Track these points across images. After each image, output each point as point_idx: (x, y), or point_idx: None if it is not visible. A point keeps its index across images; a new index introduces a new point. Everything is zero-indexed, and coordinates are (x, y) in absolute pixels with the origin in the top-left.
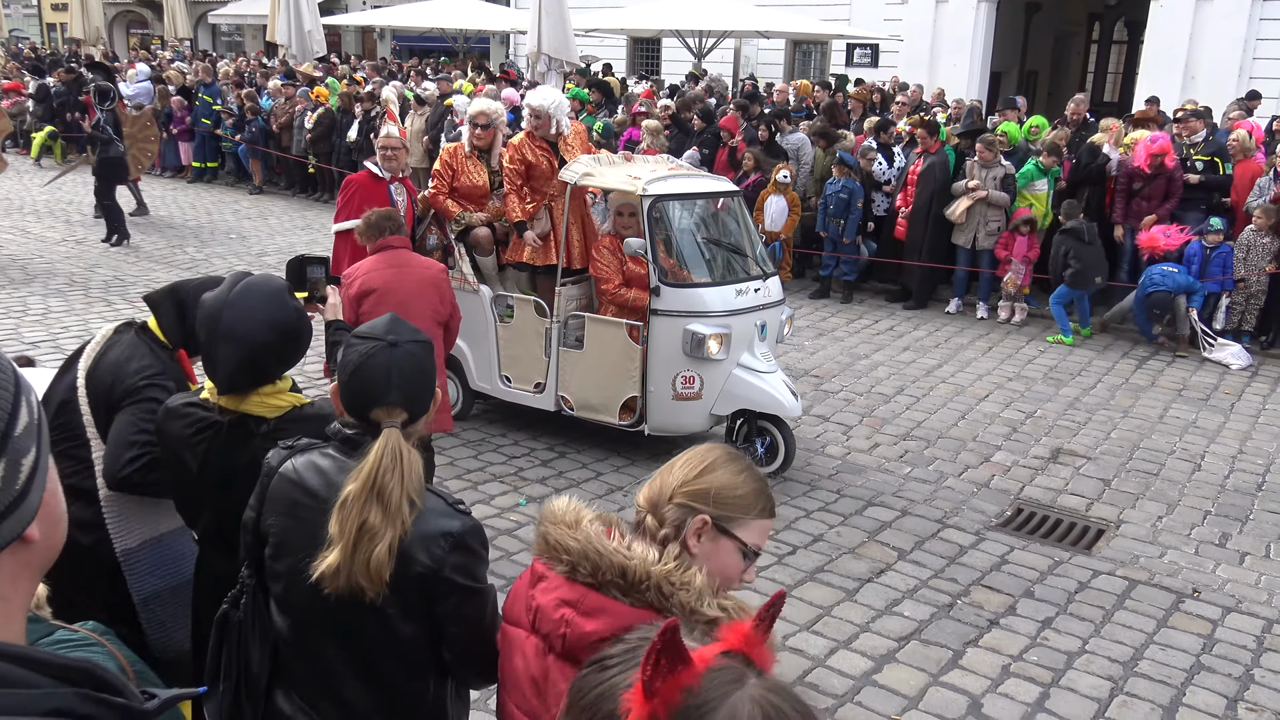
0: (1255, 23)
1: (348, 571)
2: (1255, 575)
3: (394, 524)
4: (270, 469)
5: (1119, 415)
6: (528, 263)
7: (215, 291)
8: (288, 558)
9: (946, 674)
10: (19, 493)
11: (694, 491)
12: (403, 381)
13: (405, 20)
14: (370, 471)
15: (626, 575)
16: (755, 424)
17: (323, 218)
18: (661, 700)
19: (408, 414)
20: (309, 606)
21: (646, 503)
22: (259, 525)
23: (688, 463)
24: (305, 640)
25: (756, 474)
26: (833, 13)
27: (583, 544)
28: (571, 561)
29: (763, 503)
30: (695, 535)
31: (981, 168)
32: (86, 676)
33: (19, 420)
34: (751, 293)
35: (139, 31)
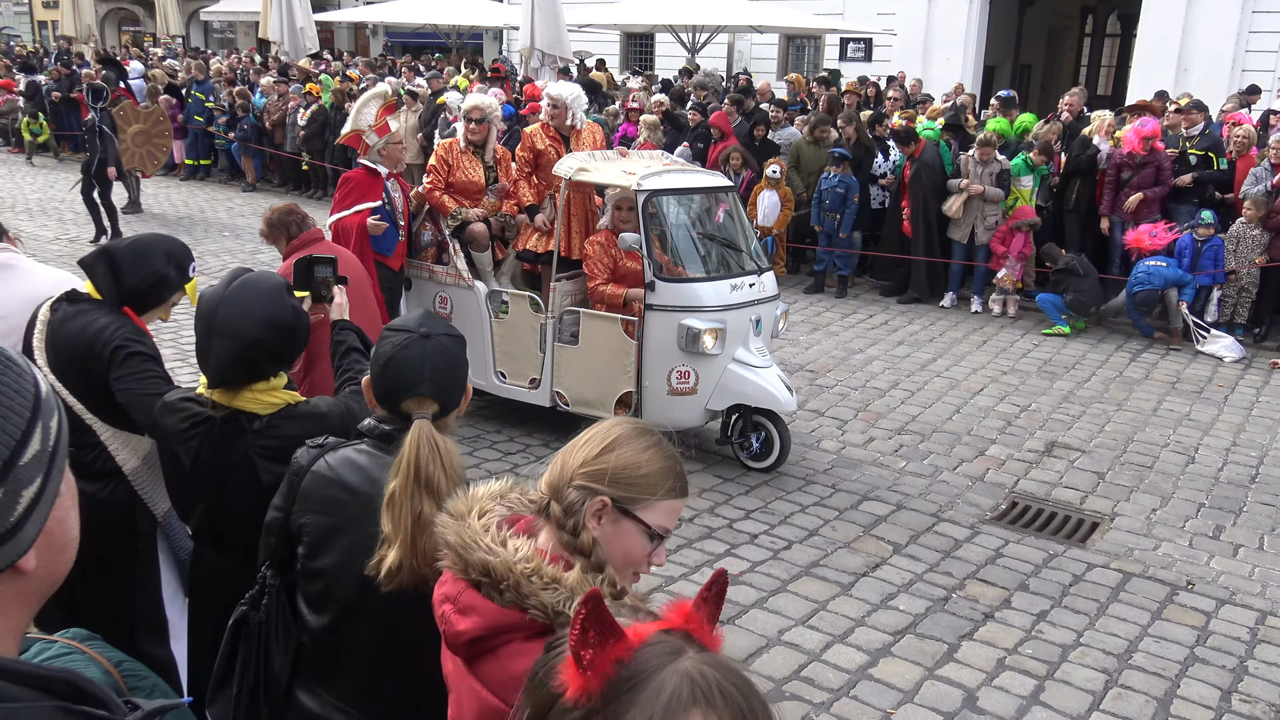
0: (1248, 15)
1: (410, 565)
2: (1249, 567)
3: None
4: (300, 468)
5: (1113, 408)
6: (532, 250)
7: (213, 287)
8: (329, 555)
9: (942, 667)
10: (13, 525)
11: (593, 472)
12: (435, 373)
13: (398, 16)
14: (409, 463)
15: (491, 572)
16: (750, 419)
17: (316, 214)
18: (596, 673)
19: (439, 405)
20: (353, 602)
21: (548, 487)
22: (288, 524)
23: (589, 441)
24: (345, 637)
25: (665, 451)
26: (826, 7)
27: (458, 537)
28: (450, 558)
29: (670, 481)
30: (594, 517)
31: (977, 163)
32: (69, 688)
33: (28, 449)
34: (746, 288)
35: (131, 29)
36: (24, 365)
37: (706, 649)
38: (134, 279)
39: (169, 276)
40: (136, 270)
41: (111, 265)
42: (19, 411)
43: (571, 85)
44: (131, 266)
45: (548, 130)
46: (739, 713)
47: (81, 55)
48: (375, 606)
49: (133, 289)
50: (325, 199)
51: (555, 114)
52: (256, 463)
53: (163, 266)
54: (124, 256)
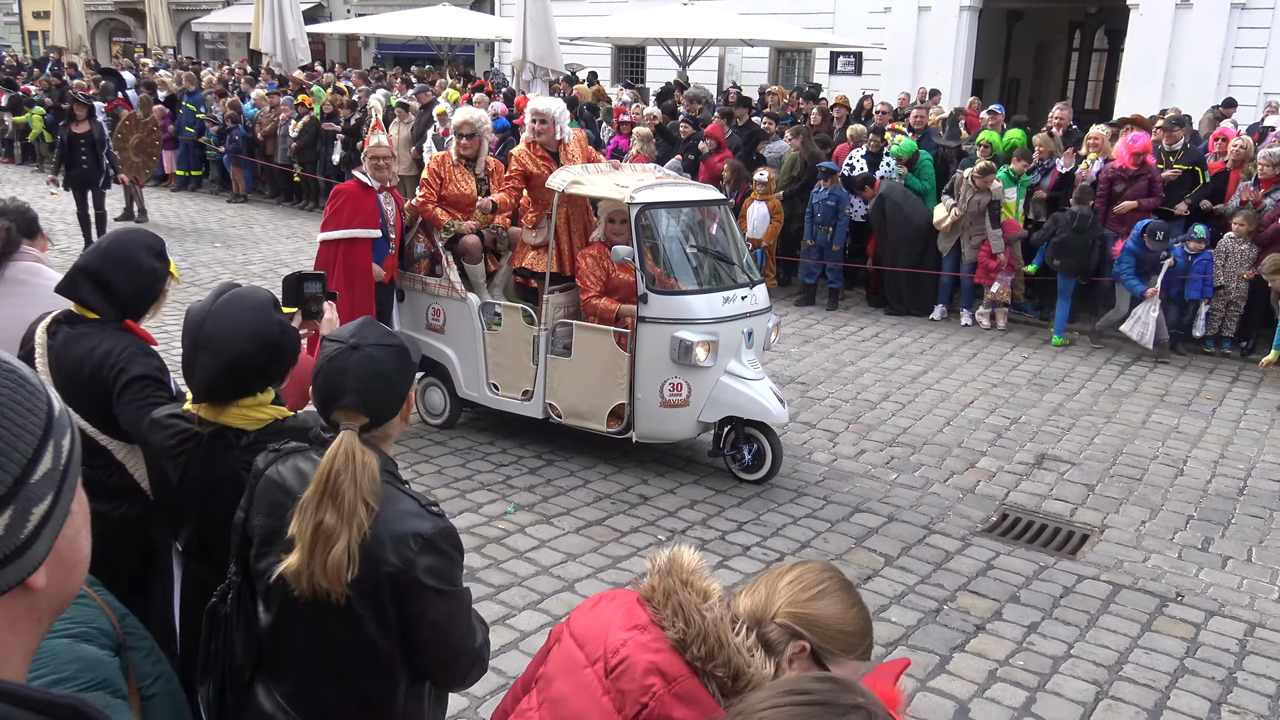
0: (1234, 31)
1: (308, 573)
2: (1237, 579)
3: (349, 525)
4: (258, 471)
5: (1102, 421)
6: (527, 268)
7: (200, 301)
8: (269, 556)
9: (933, 679)
10: (22, 542)
11: (802, 617)
12: (359, 384)
13: (390, 29)
14: (323, 474)
15: (738, 680)
16: (743, 431)
17: (307, 226)
18: None
19: (368, 417)
20: (285, 604)
21: (748, 615)
22: (246, 524)
23: (799, 581)
24: (283, 637)
25: (865, 611)
26: (816, 21)
27: (708, 625)
28: (686, 634)
29: (865, 643)
30: (789, 660)
31: (968, 188)
32: (73, 714)
33: (38, 467)
34: (738, 300)
35: (122, 39)
36: (38, 384)
37: None
38: (128, 287)
39: (157, 269)
40: (128, 277)
41: (98, 281)
42: (31, 430)
43: (556, 99)
44: (120, 275)
45: (535, 150)
46: None
47: (74, 65)
48: (306, 612)
49: (130, 297)
50: (316, 210)
51: (543, 129)
52: (244, 479)
53: (149, 261)
54: (107, 267)
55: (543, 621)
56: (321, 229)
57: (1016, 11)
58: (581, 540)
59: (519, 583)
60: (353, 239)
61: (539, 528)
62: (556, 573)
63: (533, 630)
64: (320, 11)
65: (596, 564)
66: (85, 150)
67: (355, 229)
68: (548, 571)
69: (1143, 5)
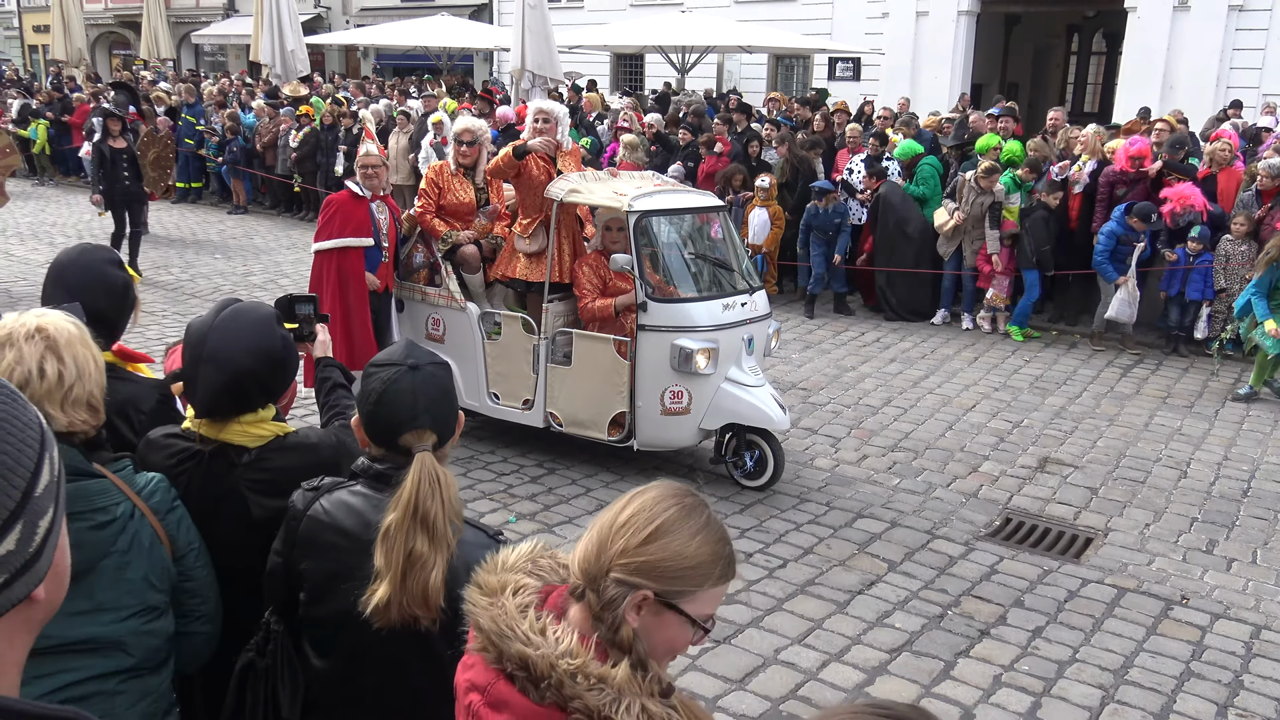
0: (1231, 33)
1: (399, 602)
2: (1243, 581)
3: (441, 548)
4: (298, 512)
5: (1105, 423)
6: (521, 278)
7: (203, 316)
8: (331, 601)
9: (938, 685)
10: (33, 554)
11: (636, 565)
12: (429, 404)
13: (388, 39)
14: (410, 497)
15: (530, 667)
16: (744, 437)
17: (308, 237)
18: None
19: (437, 436)
20: (356, 648)
21: (582, 573)
22: (289, 570)
23: (631, 524)
24: (349, 682)
25: (714, 532)
26: (814, 27)
27: (492, 622)
28: (482, 640)
29: (719, 568)
30: (635, 609)
31: (971, 189)
32: None
33: (40, 479)
34: (738, 307)
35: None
36: (25, 399)
37: None
38: (114, 312)
39: (125, 278)
40: (110, 301)
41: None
42: (30, 444)
43: (559, 103)
44: (105, 302)
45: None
46: None
47: (73, 78)
48: (377, 651)
49: (117, 317)
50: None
51: (545, 129)
52: (247, 497)
53: (116, 274)
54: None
55: None
56: (314, 239)
57: (1014, 15)
58: None
59: None
60: (345, 248)
61: (541, 537)
62: None
63: None
64: (319, 22)
65: None
66: (127, 166)
67: (347, 238)
68: None
69: (1140, 8)
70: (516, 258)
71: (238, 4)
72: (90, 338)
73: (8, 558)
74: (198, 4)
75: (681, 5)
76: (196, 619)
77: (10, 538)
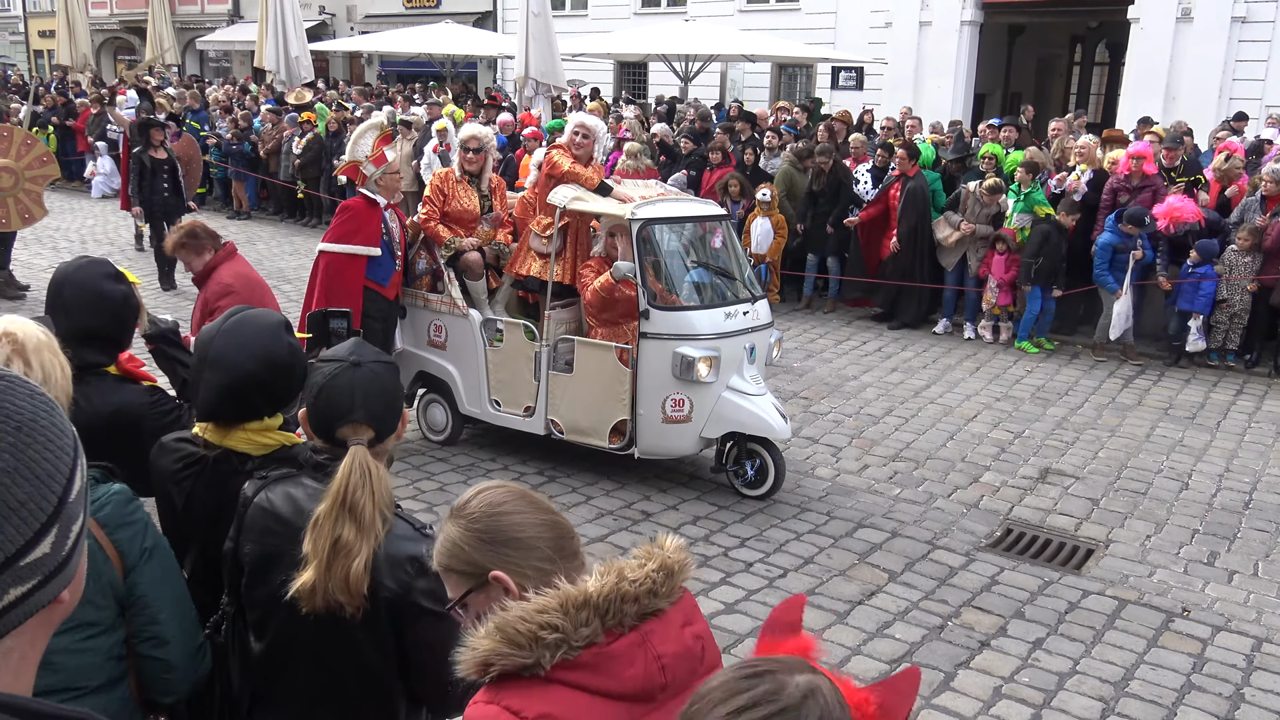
0: (1234, 44)
1: (324, 588)
2: (1244, 594)
3: (368, 539)
4: (246, 499)
5: (1106, 434)
6: (535, 277)
7: (213, 321)
8: (261, 585)
9: (938, 696)
10: (65, 557)
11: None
12: (366, 399)
13: (393, 46)
14: (339, 487)
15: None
16: (745, 446)
17: (310, 242)
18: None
19: (374, 432)
20: (283, 630)
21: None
22: (236, 554)
23: (468, 532)
24: (280, 664)
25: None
26: (818, 36)
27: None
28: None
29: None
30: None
31: (976, 202)
32: None
33: (74, 486)
34: (740, 315)
35: (126, 58)
36: (58, 406)
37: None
38: (117, 327)
39: (123, 290)
40: (106, 315)
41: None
42: (66, 449)
43: (600, 119)
44: (105, 320)
45: (568, 154)
46: None
47: (78, 83)
48: (303, 637)
49: (121, 331)
50: (320, 226)
51: (584, 144)
52: None
53: (115, 288)
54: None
55: None
56: (324, 239)
57: (1018, 26)
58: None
59: None
60: (351, 255)
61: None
62: None
63: None
64: (324, 29)
65: None
66: (167, 177)
67: (356, 246)
68: None
69: (1143, 19)
70: (531, 257)
71: (243, 10)
72: (59, 346)
73: (43, 560)
74: (203, 10)
75: (685, 14)
76: (145, 640)
77: (46, 541)
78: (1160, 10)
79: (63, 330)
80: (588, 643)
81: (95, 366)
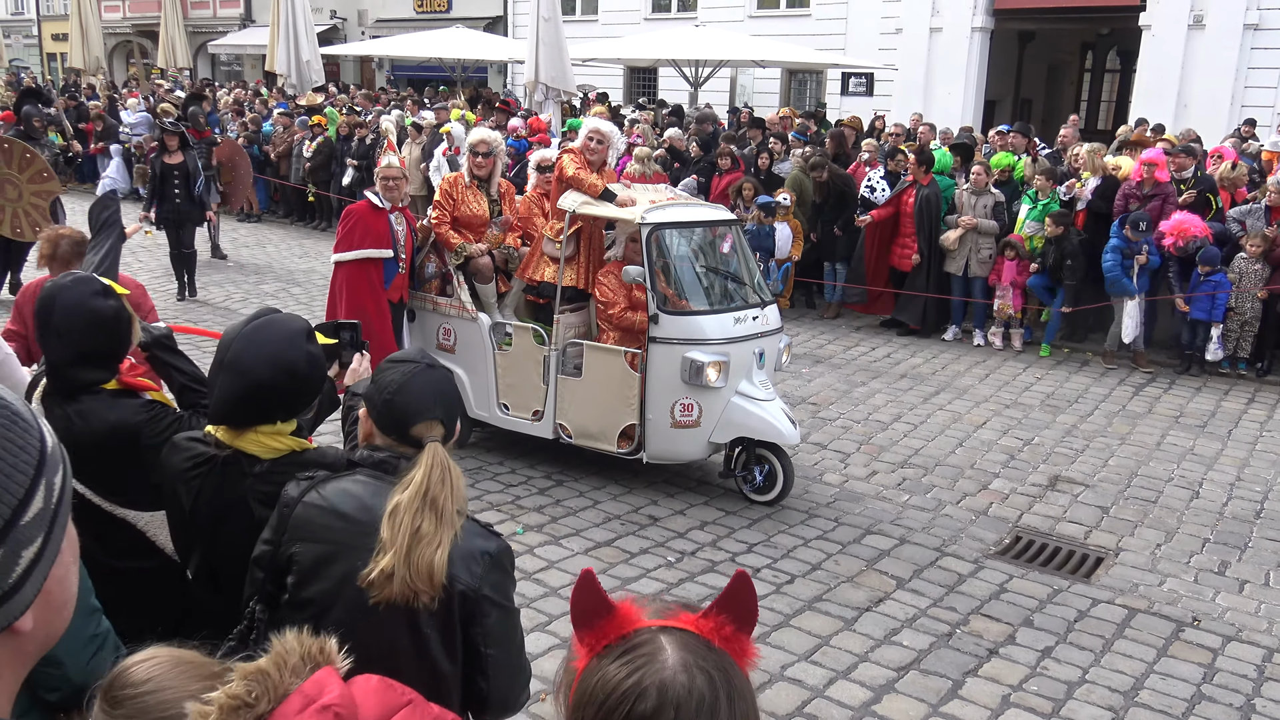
0: (1246, 52)
1: (403, 576)
2: (1255, 603)
3: (447, 531)
4: (291, 499)
5: (1116, 442)
6: (550, 281)
7: (235, 324)
8: (320, 583)
9: (946, 704)
10: (10, 586)
11: None
12: (443, 399)
13: (403, 50)
14: (423, 480)
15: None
16: (754, 452)
17: (320, 245)
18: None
19: (445, 430)
20: (340, 625)
21: None
22: (276, 556)
23: None
24: None
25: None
26: (828, 42)
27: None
28: None
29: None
30: None
31: (972, 194)
32: None
33: (30, 507)
34: (750, 320)
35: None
36: (30, 420)
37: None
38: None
39: (115, 306)
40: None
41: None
42: (23, 469)
43: (614, 125)
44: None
45: (578, 159)
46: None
47: (92, 87)
48: (363, 634)
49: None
50: (330, 229)
51: (598, 150)
52: (252, 508)
53: (107, 305)
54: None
55: (550, 644)
56: (335, 250)
57: (1028, 33)
58: (590, 562)
59: (527, 604)
60: (365, 260)
61: (548, 549)
62: (565, 594)
63: (540, 653)
64: (335, 33)
65: (606, 585)
66: (179, 184)
67: (368, 249)
68: (556, 593)
69: (1155, 26)
70: (545, 262)
71: (254, 14)
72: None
73: None
74: (215, 14)
75: (695, 19)
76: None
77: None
78: (1172, 17)
79: (58, 355)
80: None
81: (94, 384)
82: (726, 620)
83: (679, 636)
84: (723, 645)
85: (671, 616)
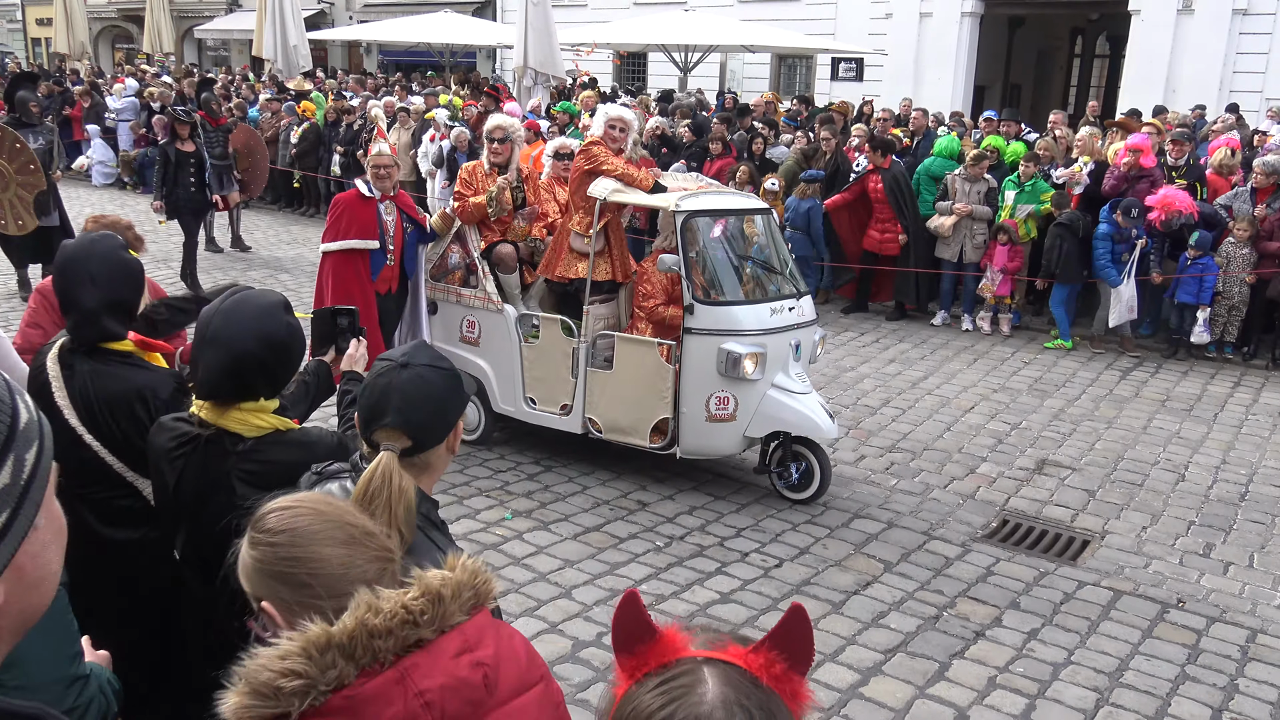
0: (1235, 37)
1: None
2: (1239, 585)
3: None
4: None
5: (1103, 426)
6: (581, 278)
7: (212, 301)
8: None
9: (933, 686)
10: None
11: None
12: (403, 404)
13: (392, 35)
14: (357, 495)
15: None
16: (790, 448)
17: (308, 232)
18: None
19: (410, 440)
20: None
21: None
22: None
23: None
24: None
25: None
26: (818, 27)
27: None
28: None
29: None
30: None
31: (965, 180)
32: None
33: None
34: (785, 311)
35: (124, 46)
36: (3, 394)
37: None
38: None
39: (135, 260)
40: (131, 283)
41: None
42: None
43: (632, 112)
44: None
45: (606, 149)
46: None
47: (76, 72)
48: None
49: (137, 300)
50: (318, 216)
51: (620, 137)
52: (235, 487)
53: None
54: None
55: (539, 628)
56: (323, 239)
57: (1018, 18)
58: (579, 546)
59: (516, 589)
60: (351, 250)
61: (536, 534)
62: (554, 579)
63: (530, 637)
64: (322, 18)
65: (594, 570)
66: (194, 172)
67: (352, 240)
68: (545, 578)
69: (1144, 11)
70: (571, 256)
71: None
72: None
73: None
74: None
75: (684, 4)
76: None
77: None
78: (1161, 2)
79: (91, 302)
80: (336, 686)
81: (115, 337)
82: (778, 657)
83: (724, 670)
84: (771, 684)
85: (719, 648)
